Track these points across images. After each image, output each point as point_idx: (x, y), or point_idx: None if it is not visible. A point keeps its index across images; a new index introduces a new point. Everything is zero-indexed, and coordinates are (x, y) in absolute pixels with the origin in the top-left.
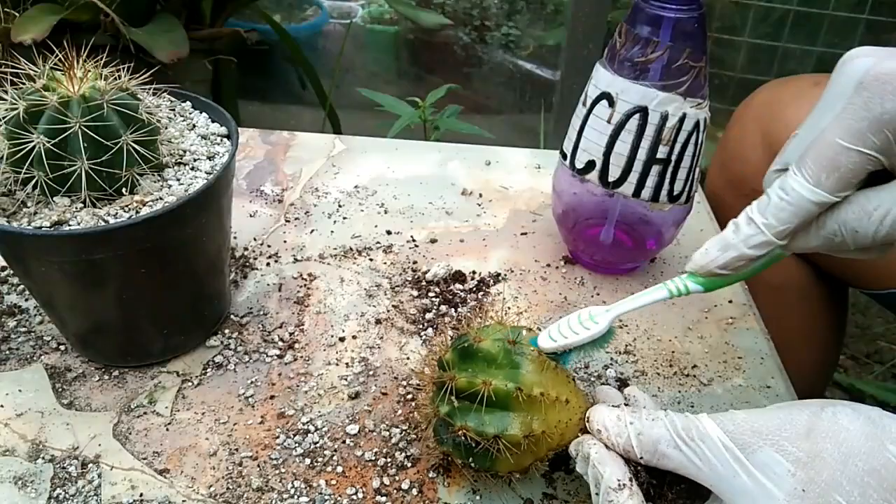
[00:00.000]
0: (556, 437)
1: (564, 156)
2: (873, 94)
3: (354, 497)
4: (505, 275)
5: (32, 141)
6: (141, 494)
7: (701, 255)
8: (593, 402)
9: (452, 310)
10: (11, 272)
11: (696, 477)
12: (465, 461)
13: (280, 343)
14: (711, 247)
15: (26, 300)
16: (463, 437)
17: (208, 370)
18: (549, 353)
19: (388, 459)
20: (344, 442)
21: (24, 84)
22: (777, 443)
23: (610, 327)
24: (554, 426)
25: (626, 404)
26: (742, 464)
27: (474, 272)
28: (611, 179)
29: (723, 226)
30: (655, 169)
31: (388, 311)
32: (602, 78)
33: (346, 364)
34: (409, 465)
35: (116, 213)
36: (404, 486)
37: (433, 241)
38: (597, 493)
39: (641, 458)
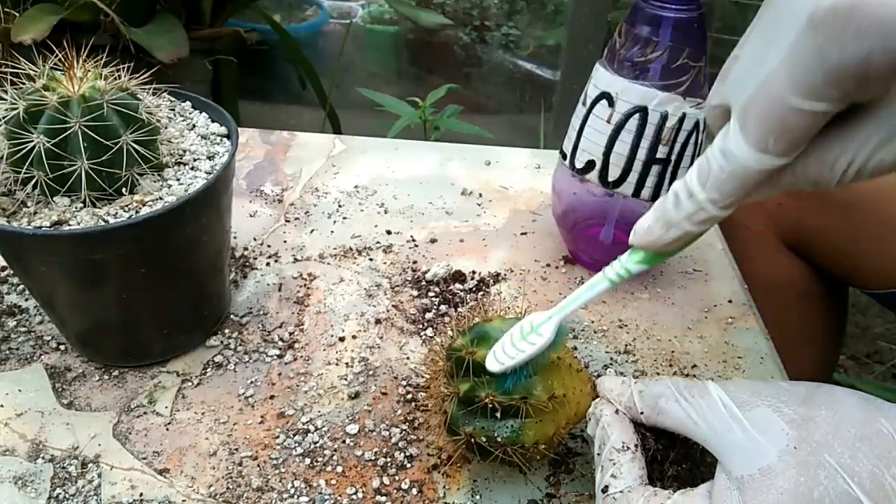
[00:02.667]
0: (574, 404)
1: (564, 156)
2: (828, 37)
3: (354, 497)
4: (505, 275)
5: (32, 141)
6: (141, 494)
7: (643, 235)
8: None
9: (452, 309)
10: (11, 272)
11: (693, 433)
12: (492, 437)
13: (280, 343)
14: (654, 224)
15: (26, 300)
16: (490, 405)
17: (208, 370)
18: (501, 375)
19: (388, 459)
20: (344, 442)
21: (24, 84)
22: (774, 404)
23: (559, 329)
24: (572, 391)
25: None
26: (738, 419)
27: (474, 272)
28: (610, 179)
29: (723, 225)
30: (655, 169)
31: (388, 310)
32: (602, 78)
33: (346, 364)
34: (409, 464)
35: (116, 213)
36: (404, 485)
37: (433, 240)
38: (598, 454)
39: (642, 412)
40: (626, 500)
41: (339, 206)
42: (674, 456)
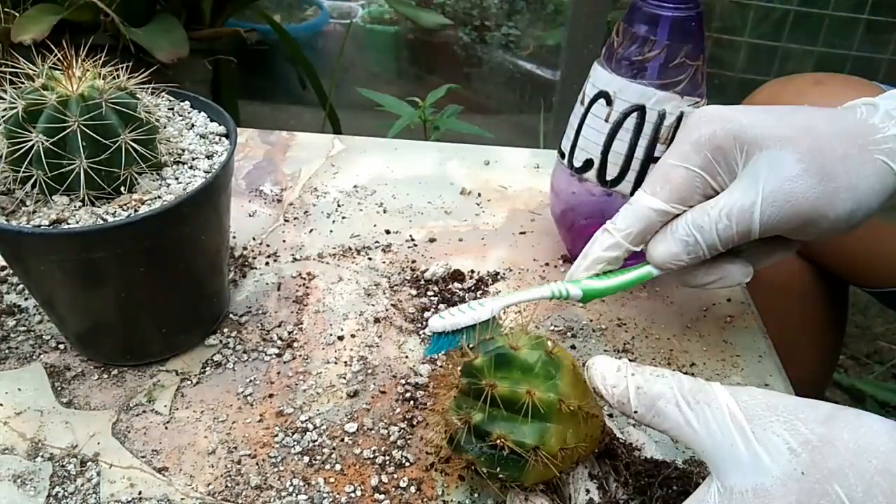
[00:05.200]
0: (581, 451)
1: (563, 155)
2: (693, 125)
3: (353, 495)
4: (503, 274)
5: (31, 140)
6: (140, 492)
7: (572, 267)
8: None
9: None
10: (11, 271)
11: (690, 440)
12: (493, 471)
13: (279, 342)
14: (577, 259)
15: (26, 299)
16: (500, 448)
17: (207, 369)
18: (438, 334)
19: (387, 457)
20: (342, 440)
21: (23, 83)
22: (790, 421)
23: (494, 317)
24: (583, 439)
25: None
26: (744, 434)
27: (473, 271)
28: (608, 178)
29: None
30: (653, 168)
31: (387, 309)
32: (600, 77)
33: (345, 363)
34: (408, 463)
35: (115, 212)
36: (403, 483)
37: (432, 240)
38: None
39: (636, 412)
40: None
41: (339, 205)
42: (662, 478)
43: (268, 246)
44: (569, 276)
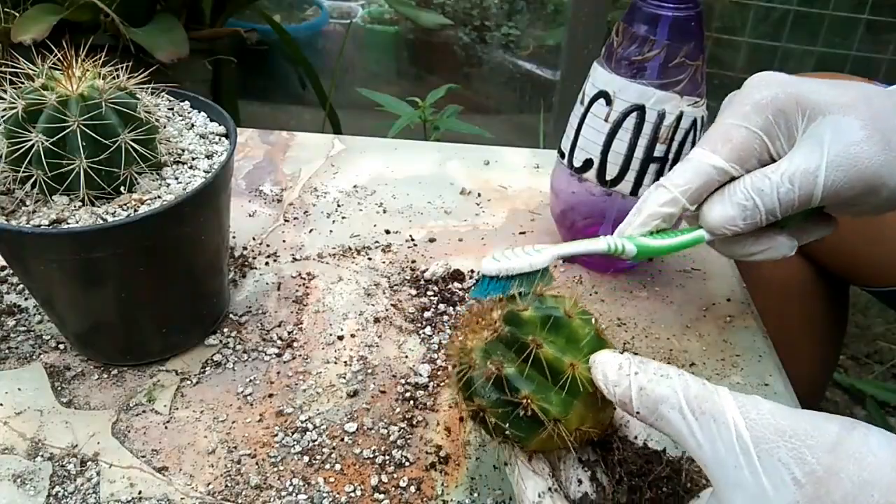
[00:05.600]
0: (591, 435)
1: (562, 154)
2: (753, 88)
3: (353, 495)
4: None
5: (31, 140)
6: (140, 492)
7: (623, 223)
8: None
9: (451, 308)
10: (11, 271)
11: (693, 452)
12: (502, 426)
13: (279, 342)
14: (630, 213)
15: (26, 299)
16: (522, 408)
17: (207, 369)
18: (490, 278)
19: (387, 457)
20: (342, 440)
21: (23, 83)
22: (797, 448)
23: (548, 268)
24: (596, 425)
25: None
26: (749, 458)
27: (473, 271)
28: (608, 178)
29: None
30: (653, 167)
31: (387, 309)
32: (599, 76)
33: (345, 362)
34: (408, 462)
35: (115, 212)
36: (402, 483)
37: (432, 240)
38: None
39: (638, 412)
40: None
41: (338, 205)
42: (653, 477)
43: (268, 246)
44: (618, 232)
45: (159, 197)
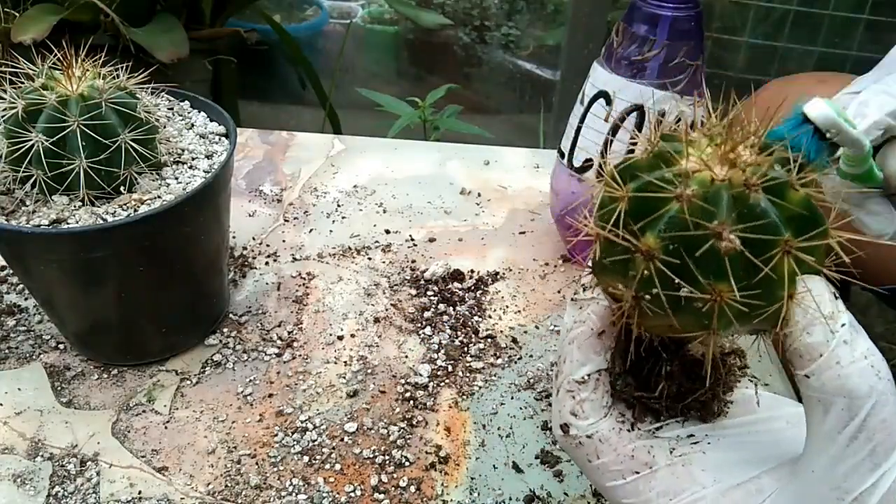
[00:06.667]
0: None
1: (562, 154)
2: None
3: (353, 495)
4: (503, 274)
5: (31, 139)
6: (139, 492)
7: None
8: None
9: (451, 308)
10: (11, 271)
11: (817, 445)
12: (655, 285)
13: (279, 342)
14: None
15: (26, 299)
16: (705, 300)
17: (207, 369)
18: (802, 123)
19: (387, 457)
20: (342, 440)
21: (23, 83)
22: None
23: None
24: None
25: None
26: None
27: (473, 271)
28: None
29: None
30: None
31: (387, 309)
32: (599, 76)
33: (345, 362)
34: (408, 462)
35: (115, 212)
36: (402, 483)
37: (432, 240)
38: (556, 376)
39: (809, 376)
40: (597, 449)
41: (338, 205)
42: (668, 370)
43: (268, 246)
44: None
45: (159, 197)
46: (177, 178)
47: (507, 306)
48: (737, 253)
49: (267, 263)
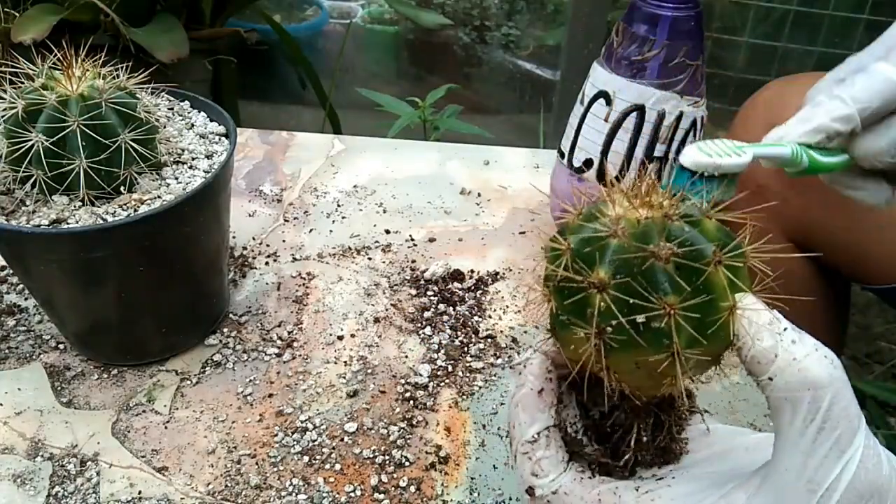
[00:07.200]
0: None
1: (562, 154)
2: None
3: (353, 495)
4: (503, 274)
5: (31, 139)
6: (139, 492)
7: (782, 127)
8: None
9: (451, 308)
10: (11, 271)
11: (787, 449)
12: (614, 313)
13: (279, 342)
14: (792, 120)
15: (26, 299)
16: (658, 317)
17: (207, 369)
18: (685, 171)
19: (387, 457)
20: (342, 440)
21: (23, 83)
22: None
23: (737, 175)
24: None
25: None
26: None
27: (473, 271)
28: (608, 178)
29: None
30: (653, 167)
31: (387, 309)
32: (599, 76)
33: (345, 362)
34: (408, 462)
35: (115, 212)
36: (402, 483)
37: (432, 240)
38: (510, 441)
39: (770, 379)
40: (565, 503)
41: (338, 205)
42: (643, 427)
43: (268, 246)
44: (777, 136)
45: (159, 197)
46: (177, 178)
47: (507, 306)
48: (677, 266)
49: (267, 263)
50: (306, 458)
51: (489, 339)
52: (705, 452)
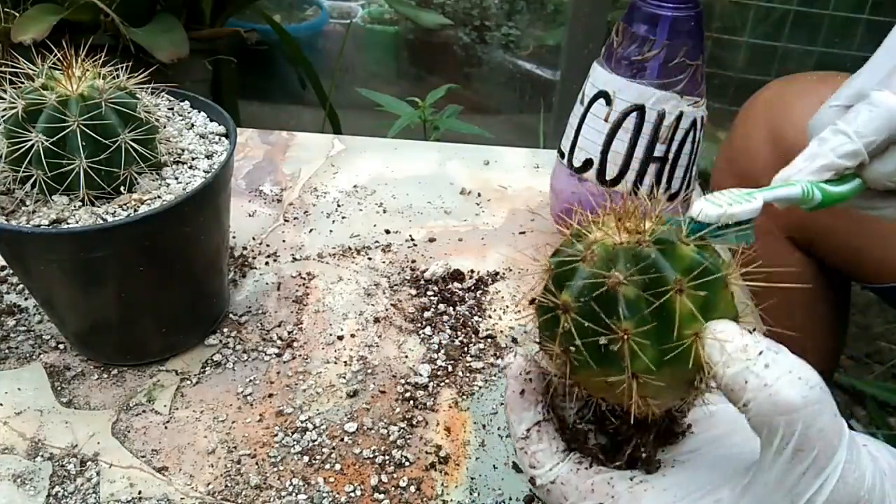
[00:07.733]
0: (646, 413)
1: (562, 154)
2: None
3: (353, 495)
4: (503, 274)
5: (31, 139)
6: (139, 492)
7: (789, 167)
8: None
9: (451, 308)
10: (11, 271)
11: (764, 471)
12: (573, 338)
13: (279, 342)
14: (798, 159)
15: (26, 299)
16: (610, 341)
17: (207, 369)
18: (698, 224)
19: (387, 457)
20: (342, 440)
21: (23, 83)
22: None
23: (752, 220)
24: (661, 406)
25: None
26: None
27: (473, 271)
28: (608, 178)
29: None
30: (653, 167)
31: (387, 309)
32: (599, 76)
33: (345, 362)
34: (408, 462)
35: (115, 212)
36: (402, 483)
37: (432, 240)
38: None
39: (745, 405)
40: (562, 492)
41: (338, 205)
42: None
43: (268, 246)
44: (784, 176)
45: (159, 197)
46: (177, 178)
47: (507, 306)
48: (633, 294)
49: (267, 263)
50: (306, 458)
51: (489, 339)
52: (708, 434)
